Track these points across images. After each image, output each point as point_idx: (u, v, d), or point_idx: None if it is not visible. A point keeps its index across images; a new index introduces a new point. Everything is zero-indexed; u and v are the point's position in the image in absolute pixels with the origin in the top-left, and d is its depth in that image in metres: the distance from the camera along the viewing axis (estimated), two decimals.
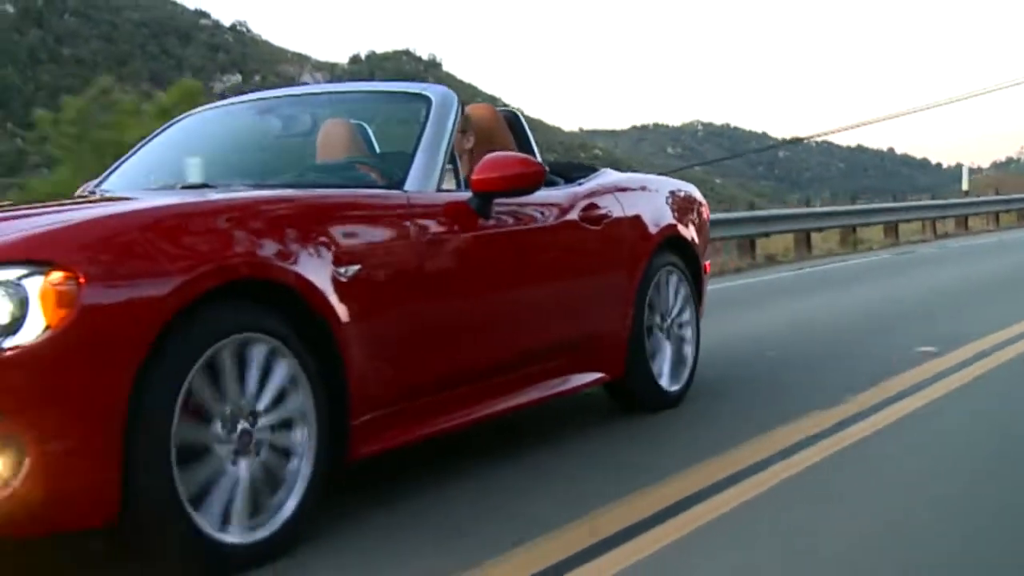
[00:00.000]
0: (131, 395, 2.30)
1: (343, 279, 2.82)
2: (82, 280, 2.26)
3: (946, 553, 2.53)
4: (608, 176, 4.32)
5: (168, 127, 4.22)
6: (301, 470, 2.68)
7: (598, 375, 4.00)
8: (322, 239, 2.81)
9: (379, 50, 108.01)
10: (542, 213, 3.73)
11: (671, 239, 4.41)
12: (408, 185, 3.30)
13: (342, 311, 2.80)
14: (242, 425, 2.55)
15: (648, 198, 4.43)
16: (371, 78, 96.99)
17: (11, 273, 2.23)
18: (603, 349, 4.00)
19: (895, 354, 5.27)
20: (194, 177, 3.62)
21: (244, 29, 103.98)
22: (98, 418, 2.26)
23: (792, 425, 3.85)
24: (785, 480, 3.17)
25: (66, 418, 2.23)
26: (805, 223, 16.08)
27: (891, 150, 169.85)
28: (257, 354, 2.59)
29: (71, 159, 12.40)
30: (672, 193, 4.65)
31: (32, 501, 2.20)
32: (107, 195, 3.63)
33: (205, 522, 2.43)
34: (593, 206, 3.99)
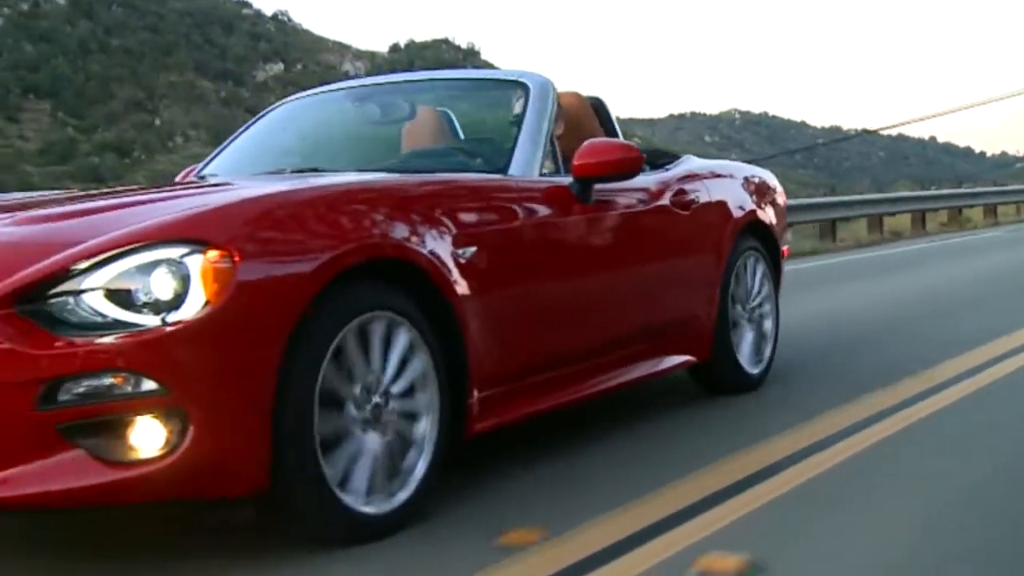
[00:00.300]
0: (280, 367, 2.42)
1: (462, 260, 2.92)
2: (237, 258, 2.38)
3: None
4: (692, 162, 4.40)
5: (265, 114, 4.35)
6: (426, 443, 2.79)
7: (686, 358, 4.08)
8: (444, 221, 2.92)
9: (418, 39, 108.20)
10: (637, 198, 3.81)
11: (752, 224, 4.48)
12: (512, 170, 3.40)
13: (462, 291, 2.90)
14: (375, 398, 2.66)
15: (731, 184, 4.50)
16: (410, 67, 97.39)
17: (174, 252, 2.35)
18: (691, 332, 4.09)
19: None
20: (299, 162, 3.74)
21: (285, 18, 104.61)
22: (252, 390, 2.38)
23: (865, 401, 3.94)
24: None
25: (223, 391, 2.35)
26: (879, 208, 17.58)
27: (932, 139, 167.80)
28: (387, 330, 2.69)
29: None
30: (751, 179, 4.72)
31: (193, 468, 2.33)
32: (226, 180, 3.75)
33: (344, 489, 2.55)
34: (682, 191, 4.07)
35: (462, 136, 4.06)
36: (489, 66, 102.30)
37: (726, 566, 2.34)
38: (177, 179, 4.34)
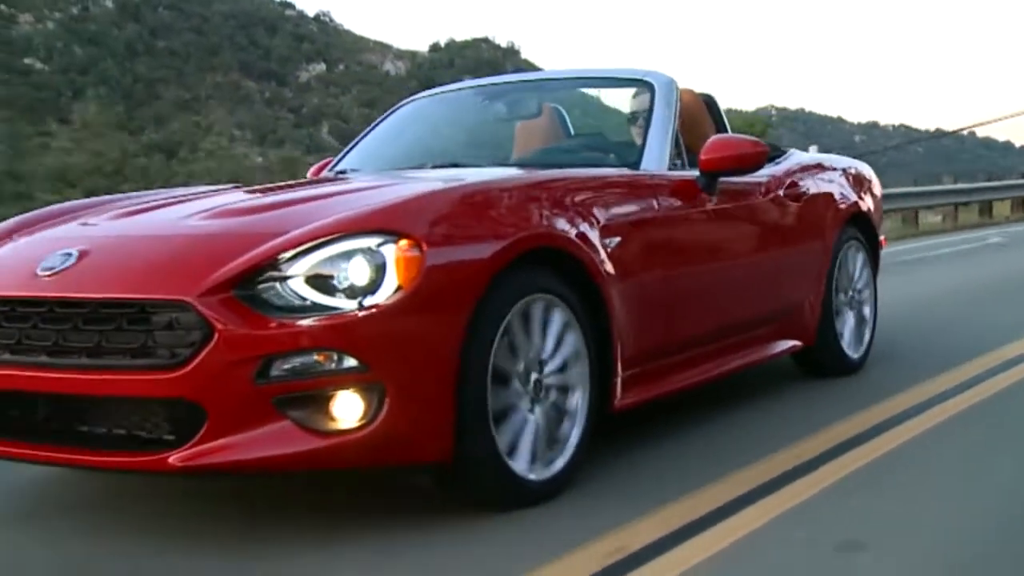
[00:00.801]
0: (462, 347, 2.59)
1: (608, 249, 3.09)
2: (425, 247, 2.56)
3: None
4: (799, 156, 4.53)
5: (393, 112, 4.53)
6: (578, 417, 2.96)
7: (795, 343, 4.22)
8: (594, 213, 3.09)
9: (458, 38, 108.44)
10: (755, 191, 3.96)
11: (855, 214, 4.60)
12: (644, 165, 3.56)
13: (608, 277, 3.06)
14: (535, 374, 2.84)
15: (834, 176, 4.62)
16: (450, 66, 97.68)
17: (370, 241, 2.54)
18: (800, 318, 4.23)
19: None
20: (436, 158, 3.92)
21: (327, 19, 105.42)
22: (438, 367, 2.56)
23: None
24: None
25: (414, 368, 2.53)
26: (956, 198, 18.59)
27: (972, 134, 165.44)
28: (545, 311, 2.86)
29: None
30: (851, 171, 4.84)
31: (388, 438, 2.51)
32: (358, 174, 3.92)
33: (512, 457, 2.73)
34: (794, 184, 4.21)
35: (572, 132, 4.23)
36: (529, 64, 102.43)
37: None
38: (310, 173, 4.53)
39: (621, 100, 4.37)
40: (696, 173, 3.64)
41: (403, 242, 2.55)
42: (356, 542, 2.60)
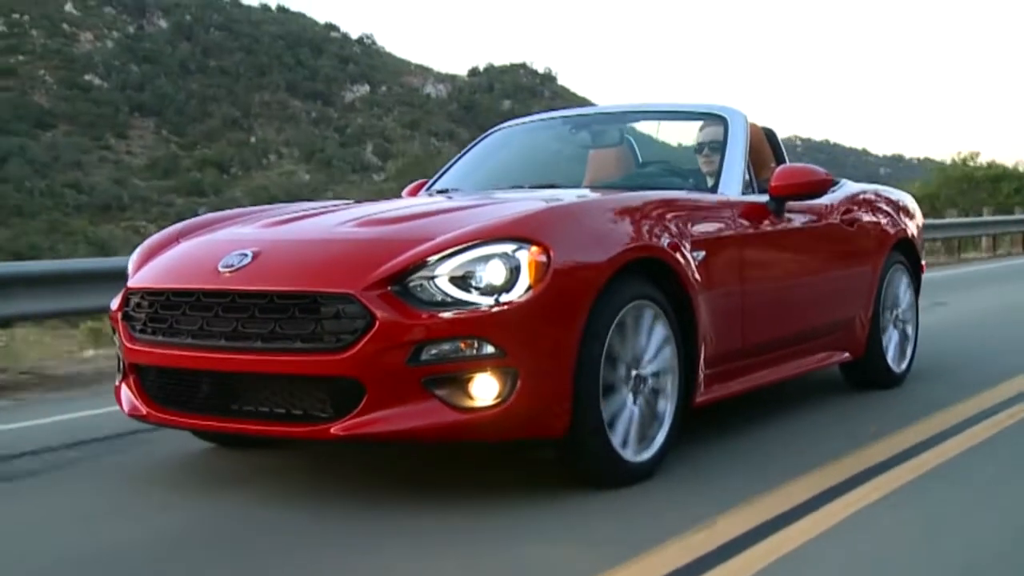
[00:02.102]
0: (580, 339, 2.97)
1: (696, 262, 3.46)
2: (552, 253, 2.94)
3: None
4: (851, 186, 4.88)
5: (484, 139, 4.93)
6: (668, 408, 3.32)
7: (846, 354, 4.56)
8: (685, 230, 3.46)
9: (497, 63, 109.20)
10: (816, 215, 4.31)
11: (901, 240, 4.95)
12: (721, 189, 3.94)
13: (696, 286, 3.43)
14: (635, 370, 3.20)
15: (884, 205, 4.97)
16: (489, 90, 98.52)
17: (507, 247, 2.93)
18: (853, 332, 4.57)
19: None
20: (533, 179, 4.30)
21: (370, 42, 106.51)
22: (561, 356, 2.94)
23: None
24: None
25: (542, 356, 2.91)
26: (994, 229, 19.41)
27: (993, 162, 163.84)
28: (645, 317, 3.23)
29: None
30: (898, 201, 5.18)
31: (518, 416, 2.89)
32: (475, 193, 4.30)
33: (616, 442, 3.09)
34: (849, 210, 4.57)
35: (640, 160, 4.60)
36: (565, 91, 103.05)
37: None
38: (406, 192, 4.92)
39: (673, 133, 4.77)
40: (766, 197, 4.00)
41: (534, 248, 2.93)
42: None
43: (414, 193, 4.83)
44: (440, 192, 4.53)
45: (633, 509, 2.96)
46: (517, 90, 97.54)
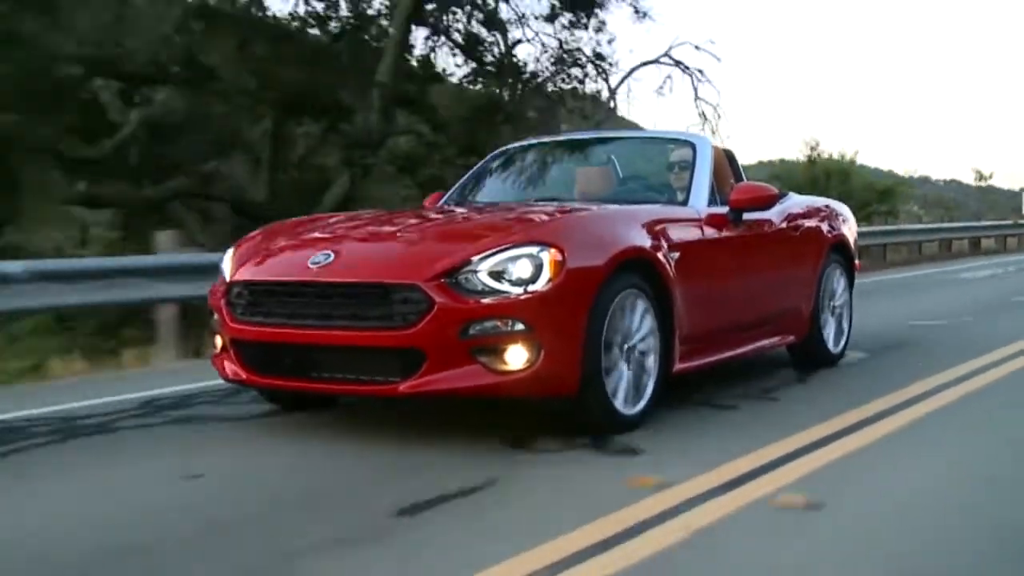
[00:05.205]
0: (587, 320, 3.82)
1: (672, 261, 4.32)
2: (566, 253, 3.80)
3: None
4: (795, 198, 5.80)
5: (490, 160, 5.78)
6: (652, 374, 4.19)
7: (792, 337, 5.47)
8: (664, 235, 4.33)
9: None
10: (767, 223, 5.22)
11: (838, 242, 5.87)
12: (692, 203, 4.82)
13: (671, 280, 4.29)
14: (627, 343, 4.07)
15: (821, 213, 5.89)
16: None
17: (532, 249, 3.77)
18: (797, 319, 5.48)
19: None
20: (538, 193, 5.16)
21: None
22: (573, 331, 3.78)
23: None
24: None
25: (559, 330, 3.76)
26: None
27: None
28: (635, 303, 4.10)
29: None
30: (834, 210, 6.11)
31: (542, 377, 3.73)
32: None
33: (614, 397, 3.96)
34: (794, 219, 5.48)
35: (621, 176, 5.48)
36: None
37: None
38: (427, 203, 5.75)
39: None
40: (727, 209, 4.89)
41: (553, 250, 3.79)
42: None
43: (433, 203, 5.67)
44: (458, 203, 5.37)
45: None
46: None
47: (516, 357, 3.73)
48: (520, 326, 3.71)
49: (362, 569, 2.59)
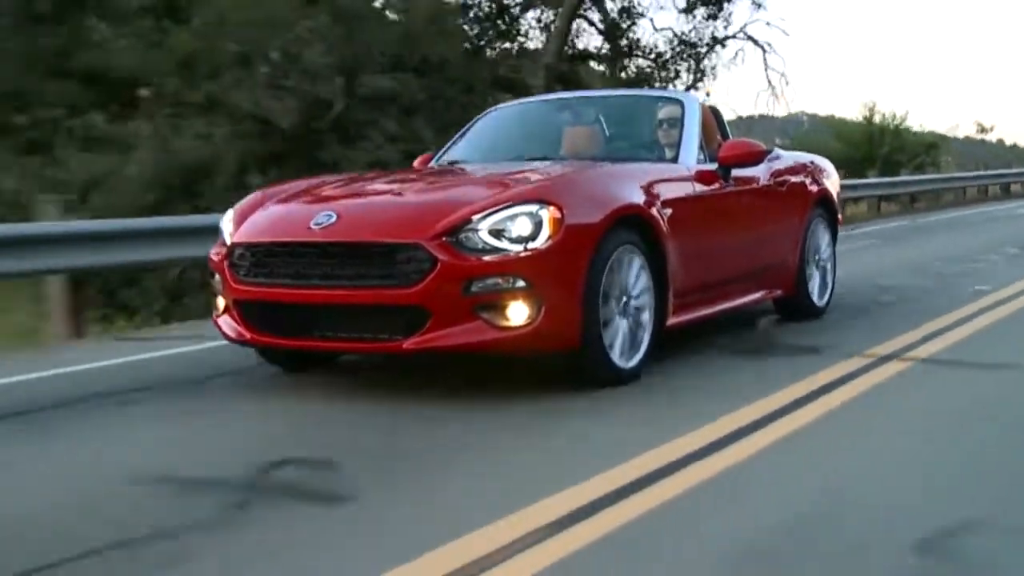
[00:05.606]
0: (586, 276, 3.90)
1: (665, 217, 4.41)
2: (564, 211, 3.86)
3: None
4: (781, 154, 5.88)
5: (480, 119, 5.82)
6: (648, 328, 4.29)
7: (780, 291, 5.59)
8: (656, 192, 4.40)
9: None
10: (754, 179, 5.30)
11: (822, 197, 5.97)
12: (681, 160, 4.89)
13: (665, 236, 4.37)
14: (624, 298, 4.15)
15: (807, 168, 5.99)
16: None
17: (532, 208, 3.83)
18: (784, 273, 5.58)
19: None
20: (528, 152, 5.20)
21: None
22: (572, 287, 3.86)
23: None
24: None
25: (559, 286, 3.84)
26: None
27: (1000, 141, 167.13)
28: (630, 259, 4.18)
29: None
30: (818, 165, 6.21)
31: (543, 333, 3.81)
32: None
33: (611, 350, 4.06)
34: (780, 174, 5.57)
35: (607, 135, 5.53)
36: None
37: None
38: (417, 163, 5.78)
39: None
40: (715, 165, 4.97)
41: (552, 208, 3.85)
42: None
43: (423, 163, 5.71)
44: (451, 163, 5.41)
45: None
46: None
47: (518, 313, 3.80)
48: (521, 283, 3.78)
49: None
